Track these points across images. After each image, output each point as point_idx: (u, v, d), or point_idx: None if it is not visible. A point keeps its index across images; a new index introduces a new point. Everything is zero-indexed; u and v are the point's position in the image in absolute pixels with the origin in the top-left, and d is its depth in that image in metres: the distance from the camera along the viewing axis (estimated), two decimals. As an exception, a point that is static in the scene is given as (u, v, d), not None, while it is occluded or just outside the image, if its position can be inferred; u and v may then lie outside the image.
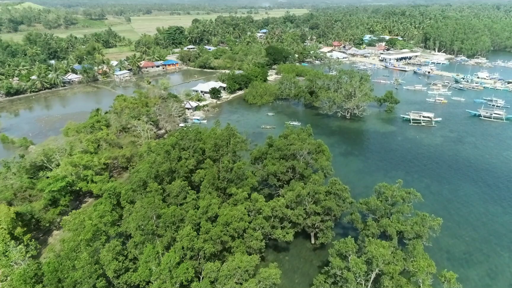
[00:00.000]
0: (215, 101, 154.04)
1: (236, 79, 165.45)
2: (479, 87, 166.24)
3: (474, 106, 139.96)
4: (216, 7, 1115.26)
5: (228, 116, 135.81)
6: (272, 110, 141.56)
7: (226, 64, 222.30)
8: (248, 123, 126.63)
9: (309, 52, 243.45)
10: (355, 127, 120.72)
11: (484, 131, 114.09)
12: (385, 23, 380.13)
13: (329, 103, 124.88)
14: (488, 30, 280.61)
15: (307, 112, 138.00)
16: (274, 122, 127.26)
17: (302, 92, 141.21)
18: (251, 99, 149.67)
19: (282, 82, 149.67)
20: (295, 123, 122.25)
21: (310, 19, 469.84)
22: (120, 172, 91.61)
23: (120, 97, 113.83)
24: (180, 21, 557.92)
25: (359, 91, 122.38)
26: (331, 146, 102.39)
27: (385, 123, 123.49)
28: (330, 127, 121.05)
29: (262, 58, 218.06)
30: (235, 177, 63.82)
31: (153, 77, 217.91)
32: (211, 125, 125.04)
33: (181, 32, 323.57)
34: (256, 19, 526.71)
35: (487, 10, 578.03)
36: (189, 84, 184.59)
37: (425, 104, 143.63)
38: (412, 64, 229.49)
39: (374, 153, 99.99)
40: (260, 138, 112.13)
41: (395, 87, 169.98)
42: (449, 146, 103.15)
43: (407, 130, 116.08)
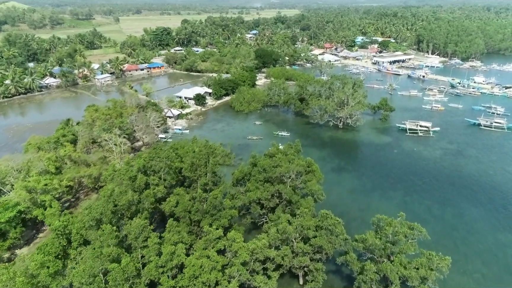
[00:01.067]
0: (199, 108, 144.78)
1: (223, 85, 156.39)
2: (476, 93, 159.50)
3: (472, 113, 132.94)
4: (207, 7, 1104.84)
5: (212, 125, 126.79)
6: (260, 118, 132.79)
7: (213, 67, 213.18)
8: (233, 133, 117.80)
9: (300, 55, 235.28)
10: (348, 137, 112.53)
11: (485, 142, 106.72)
12: (377, 24, 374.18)
13: (320, 112, 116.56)
14: (482, 32, 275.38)
15: (297, 120, 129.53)
16: (261, 132, 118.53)
17: (292, 99, 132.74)
18: (238, 106, 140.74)
19: (270, 88, 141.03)
20: (283, 133, 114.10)
21: (302, 20, 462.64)
22: (88, 192, 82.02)
23: (91, 107, 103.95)
24: (170, 21, 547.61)
25: (352, 99, 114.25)
26: (322, 160, 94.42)
27: (380, 133, 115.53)
28: (321, 138, 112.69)
29: (251, 61, 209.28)
30: (210, 208, 54.86)
31: (137, 81, 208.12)
32: (195, 135, 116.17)
33: (168, 33, 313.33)
34: (247, 20, 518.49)
35: (478, 12, 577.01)
36: (173, 89, 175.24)
37: (422, 112, 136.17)
38: (405, 67, 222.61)
39: (369, 168, 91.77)
40: (246, 150, 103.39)
41: (389, 93, 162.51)
42: (450, 160, 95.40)
43: (404, 141, 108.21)
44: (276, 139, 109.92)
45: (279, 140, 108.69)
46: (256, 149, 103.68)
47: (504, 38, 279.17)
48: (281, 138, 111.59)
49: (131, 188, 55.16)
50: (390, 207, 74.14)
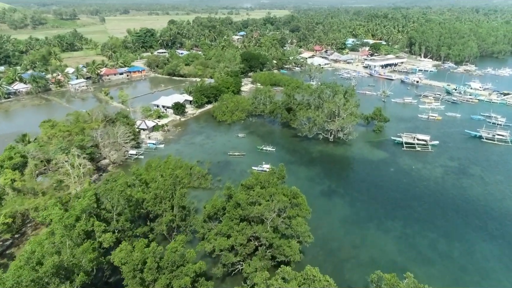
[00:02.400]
0: (178, 118, 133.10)
1: (204, 92, 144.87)
2: (473, 100, 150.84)
3: (471, 123, 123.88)
4: (196, 8, 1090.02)
5: (191, 137, 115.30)
6: (243, 129, 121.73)
7: (197, 72, 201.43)
8: (213, 148, 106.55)
9: (288, 58, 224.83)
10: (339, 153, 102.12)
11: (489, 158, 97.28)
12: (368, 26, 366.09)
13: (309, 124, 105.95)
14: (474, 35, 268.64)
15: (284, 132, 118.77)
16: (244, 146, 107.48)
17: (278, 108, 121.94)
18: (220, 115, 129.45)
19: (255, 96, 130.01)
20: (268, 148, 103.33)
21: (291, 21, 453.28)
22: (37, 226, 70.00)
23: (47, 122, 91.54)
24: (158, 21, 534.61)
25: (343, 110, 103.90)
26: (311, 181, 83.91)
27: (374, 147, 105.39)
28: (310, 153, 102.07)
29: (236, 65, 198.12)
30: (168, 264, 43.53)
31: (116, 86, 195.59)
32: (171, 150, 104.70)
33: (152, 35, 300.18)
34: (236, 20, 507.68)
35: (467, 13, 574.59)
36: (153, 96, 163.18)
37: (418, 122, 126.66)
38: (398, 71, 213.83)
39: (363, 192, 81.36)
40: (226, 169, 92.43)
41: (383, 100, 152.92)
42: (452, 180, 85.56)
43: (401, 157, 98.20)
44: (260, 155, 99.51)
45: (263, 156, 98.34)
46: (237, 168, 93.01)
47: (496, 41, 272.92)
48: (266, 154, 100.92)
49: (69, 238, 43.62)
50: (389, 242, 63.85)
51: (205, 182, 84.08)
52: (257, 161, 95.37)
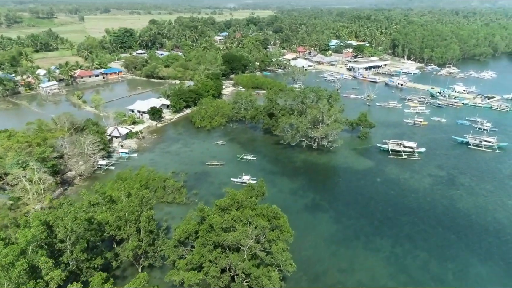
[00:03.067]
0: (154, 124, 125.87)
1: (183, 95, 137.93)
2: (458, 104, 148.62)
3: (457, 129, 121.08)
4: (179, 7, 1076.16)
5: (167, 145, 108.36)
6: (223, 136, 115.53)
7: (177, 74, 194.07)
8: (191, 157, 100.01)
9: (271, 60, 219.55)
10: (323, 162, 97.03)
11: (477, 167, 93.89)
12: (351, 27, 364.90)
13: (291, 131, 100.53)
14: (456, 37, 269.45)
15: (266, 139, 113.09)
16: (224, 154, 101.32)
17: (260, 114, 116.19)
18: (198, 121, 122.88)
19: (236, 101, 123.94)
20: (249, 157, 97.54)
21: (274, 22, 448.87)
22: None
23: (3, 133, 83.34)
24: (139, 21, 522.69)
25: (327, 116, 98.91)
26: (293, 195, 78.45)
27: (360, 155, 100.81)
28: (293, 162, 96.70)
29: (217, 67, 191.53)
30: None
31: (91, 88, 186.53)
32: (145, 160, 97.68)
33: (131, 35, 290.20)
34: (219, 20, 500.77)
35: (447, 16, 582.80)
36: (129, 100, 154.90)
37: (403, 127, 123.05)
38: (382, 74, 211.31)
39: (349, 205, 76.38)
40: (204, 181, 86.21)
41: (367, 104, 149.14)
42: (441, 191, 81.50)
43: (387, 166, 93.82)
44: (241, 165, 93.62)
45: (243, 166, 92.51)
46: (215, 179, 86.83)
47: (477, 43, 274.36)
48: (246, 164, 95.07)
49: (7, 280, 36.69)
50: (378, 265, 58.87)
51: (180, 196, 77.57)
52: (237, 172, 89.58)
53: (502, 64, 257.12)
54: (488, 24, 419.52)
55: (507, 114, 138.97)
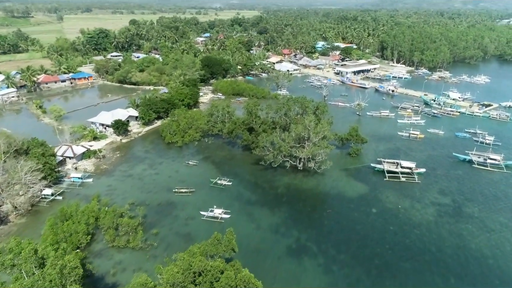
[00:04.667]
0: (119, 140, 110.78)
1: (153, 106, 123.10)
2: (454, 113, 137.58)
3: (456, 143, 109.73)
4: (163, 7, 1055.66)
5: (130, 167, 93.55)
6: (196, 154, 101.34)
7: (151, 79, 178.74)
8: (156, 182, 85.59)
9: (254, 64, 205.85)
10: (310, 187, 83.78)
11: (484, 191, 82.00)
12: (338, 28, 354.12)
13: (273, 151, 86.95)
14: (445, 39, 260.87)
15: (245, 157, 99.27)
16: (195, 178, 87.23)
17: (238, 128, 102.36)
18: (169, 136, 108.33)
19: (211, 113, 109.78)
20: (224, 182, 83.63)
21: (259, 23, 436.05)
22: None
23: None
24: (121, 21, 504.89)
25: (314, 133, 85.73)
26: (274, 233, 64.98)
27: (352, 178, 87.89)
28: (275, 188, 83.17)
29: (195, 72, 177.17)
30: None
31: (57, 95, 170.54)
32: (100, 186, 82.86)
33: (105, 36, 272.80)
34: (203, 21, 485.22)
35: (433, 17, 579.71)
36: (96, 109, 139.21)
37: (398, 141, 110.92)
38: (371, 78, 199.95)
39: (340, 246, 63.25)
40: (168, 215, 72.16)
41: (357, 113, 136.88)
42: (448, 226, 69.11)
43: (383, 192, 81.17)
44: (214, 192, 79.89)
45: (217, 193, 78.84)
46: (182, 212, 72.81)
47: (467, 46, 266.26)
48: (220, 190, 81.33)
49: None
50: None
51: (135, 239, 63.16)
52: (208, 201, 75.93)
53: (493, 68, 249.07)
54: (474, 25, 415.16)
55: (507, 124, 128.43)
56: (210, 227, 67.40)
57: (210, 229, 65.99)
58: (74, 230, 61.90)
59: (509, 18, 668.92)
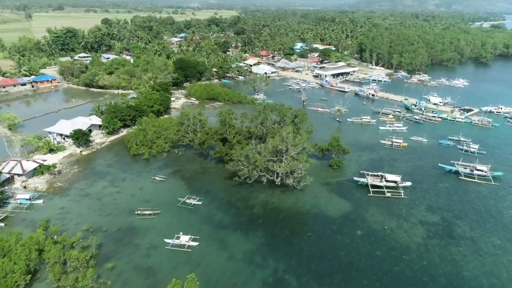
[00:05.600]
0: (79, 152, 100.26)
1: (119, 113, 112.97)
2: (436, 119, 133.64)
3: (440, 151, 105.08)
4: (140, 6, 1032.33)
5: (89, 184, 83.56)
6: (165, 168, 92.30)
7: (120, 82, 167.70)
8: (116, 202, 76.17)
9: (230, 66, 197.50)
10: (288, 205, 76.31)
11: (475, 207, 76.76)
12: (316, 30, 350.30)
13: (249, 166, 78.96)
14: (423, 42, 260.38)
15: (218, 170, 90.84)
16: (162, 196, 78.35)
17: (211, 138, 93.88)
18: (135, 147, 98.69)
19: (181, 122, 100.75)
20: (194, 201, 75.31)
21: (237, 23, 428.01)
22: None
23: None
24: (94, 19, 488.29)
25: (292, 146, 78.41)
26: (249, 263, 57.22)
27: (334, 193, 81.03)
28: (250, 207, 75.23)
29: (168, 74, 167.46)
30: None
31: (17, 100, 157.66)
32: (52, 209, 72.73)
33: (73, 35, 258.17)
34: (179, 20, 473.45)
35: (408, 19, 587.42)
36: (57, 116, 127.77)
37: (381, 150, 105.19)
38: (351, 81, 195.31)
39: (323, 279, 55.95)
40: (127, 244, 63.26)
41: (338, 119, 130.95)
42: (439, 249, 63.01)
43: (368, 210, 74.63)
44: (181, 214, 71.57)
45: (185, 215, 70.55)
46: (144, 240, 64.07)
47: (444, 48, 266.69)
48: (189, 211, 72.82)
49: None
50: None
51: (85, 278, 53.81)
52: (175, 225, 67.62)
53: (469, 71, 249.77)
54: (449, 28, 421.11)
55: (489, 130, 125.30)
56: (175, 258, 59.09)
57: (175, 261, 58.22)
58: (10, 270, 52.16)
59: (481, 21, 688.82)
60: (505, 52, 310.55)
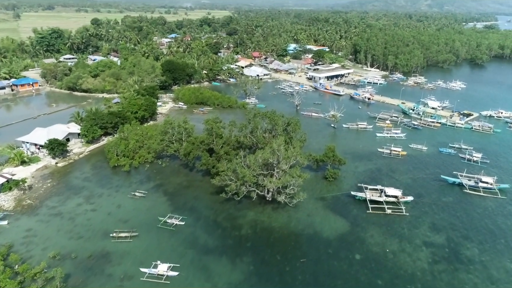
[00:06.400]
0: (54, 163, 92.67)
1: (99, 120, 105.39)
2: (435, 124, 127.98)
3: (442, 160, 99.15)
4: (132, 5, 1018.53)
5: (61, 201, 76.12)
6: (146, 181, 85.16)
7: (105, 86, 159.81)
8: (91, 222, 68.89)
9: (221, 68, 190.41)
10: (280, 225, 69.59)
11: (482, 225, 70.73)
12: (310, 30, 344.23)
13: (237, 181, 72.08)
14: (418, 43, 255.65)
15: (204, 184, 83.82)
16: (141, 215, 71.26)
17: (197, 149, 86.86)
18: (115, 158, 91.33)
19: (165, 131, 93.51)
20: (175, 221, 68.35)
21: (230, 23, 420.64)
22: None
23: None
24: (85, 19, 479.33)
25: (284, 160, 71.75)
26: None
27: (329, 211, 74.49)
28: (238, 228, 68.36)
29: (155, 77, 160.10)
30: None
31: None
32: (17, 231, 65.11)
33: (59, 36, 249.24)
34: (171, 20, 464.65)
35: (402, 19, 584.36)
36: (36, 123, 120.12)
37: (379, 159, 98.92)
38: (345, 84, 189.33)
39: (319, 316, 49.45)
40: (99, 273, 56.11)
41: (333, 125, 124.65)
42: (446, 277, 56.75)
43: (367, 230, 68.17)
44: (162, 236, 64.46)
45: (166, 238, 63.54)
46: (118, 268, 57.02)
47: (439, 49, 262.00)
48: (170, 233, 65.76)
49: None
50: None
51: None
52: (153, 250, 60.79)
53: (465, 72, 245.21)
54: (443, 28, 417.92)
55: (490, 137, 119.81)
56: (150, 291, 52.06)
57: (150, 298, 50.82)
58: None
59: (474, 22, 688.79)
60: (500, 53, 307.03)
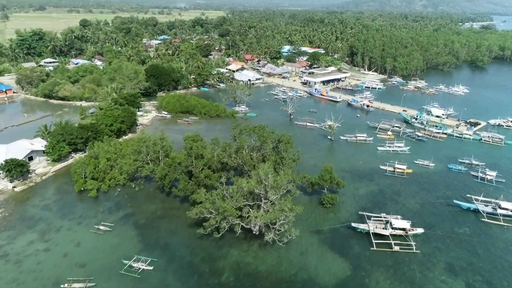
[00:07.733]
0: (11, 188, 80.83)
1: (67, 135, 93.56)
2: (441, 135, 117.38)
3: (452, 179, 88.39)
4: (125, 6, 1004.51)
5: (10, 239, 64.36)
6: (115, 210, 73.56)
7: (83, 93, 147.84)
8: (41, 267, 57.24)
9: (210, 73, 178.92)
10: (268, 268, 58.33)
11: (505, 264, 60.01)
12: (305, 31, 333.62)
13: (217, 216, 60.69)
14: (417, 44, 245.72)
15: (182, 214, 72.12)
16: (103, 255, 59.74)
17: (174, 172, 75.41)
18: (81, 181, 79.65)
19: (139, 151, 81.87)
20: (142, 266, 56.88)
21: (223, 24, 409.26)
22: None
23: None
24: (76, 20, 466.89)
25: (273, 189, 60.49)
26: None
27: (326, 249, 63.29)
28: (217, 273, 56.98)
29: (138, 83, 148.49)
30: None
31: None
32: None
33: (40, 39, 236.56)
34: (163, 21, 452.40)
35: (398, 19, 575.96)
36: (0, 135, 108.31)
37: (381, 179, 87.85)
38: (342, 89, 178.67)
39: None
40: None
41: (329, 137, 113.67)
42: None
43: (371, 274, 57.09)
44: (124, 282, 52.31)
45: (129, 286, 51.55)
46: None
47: (439, 51, 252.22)
48: (135, 282, 54.05)
49: None
50: None
51: None
52: (111, 308, 48.79)
53: (467, 76, 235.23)
54: (440, 29, 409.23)
55: (502, 149, 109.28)
56: None
57: None
58: None
59: (470, 22, 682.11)
60: (500, 54, 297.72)
